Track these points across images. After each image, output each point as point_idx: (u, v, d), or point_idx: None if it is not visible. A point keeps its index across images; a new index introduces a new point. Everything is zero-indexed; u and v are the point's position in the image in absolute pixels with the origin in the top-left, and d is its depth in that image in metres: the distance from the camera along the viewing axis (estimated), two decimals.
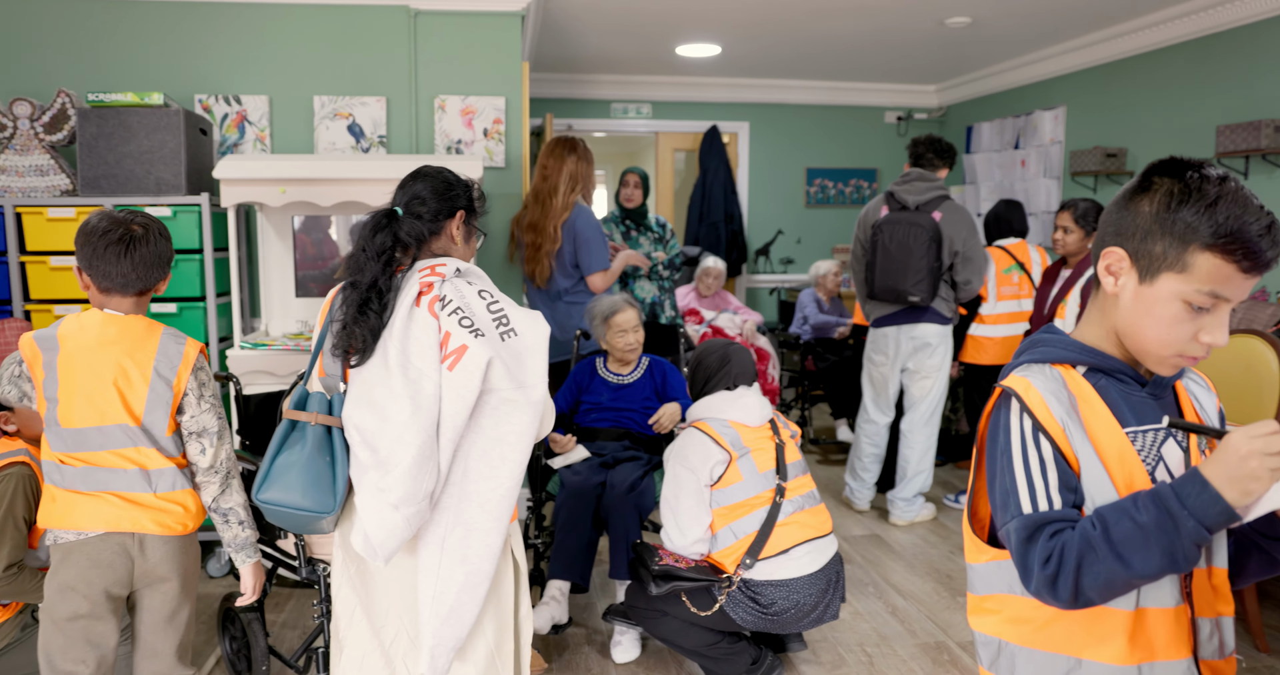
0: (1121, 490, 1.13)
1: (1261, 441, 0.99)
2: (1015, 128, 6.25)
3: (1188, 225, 1.09)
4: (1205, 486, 1.02)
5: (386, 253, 1.79)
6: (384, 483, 1.68)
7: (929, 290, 3.83)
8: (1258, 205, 1.08)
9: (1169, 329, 1.12)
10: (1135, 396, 1.19)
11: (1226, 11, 4.46)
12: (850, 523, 4.24)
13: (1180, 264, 1.10)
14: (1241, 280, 1.09)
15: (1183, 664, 1.16)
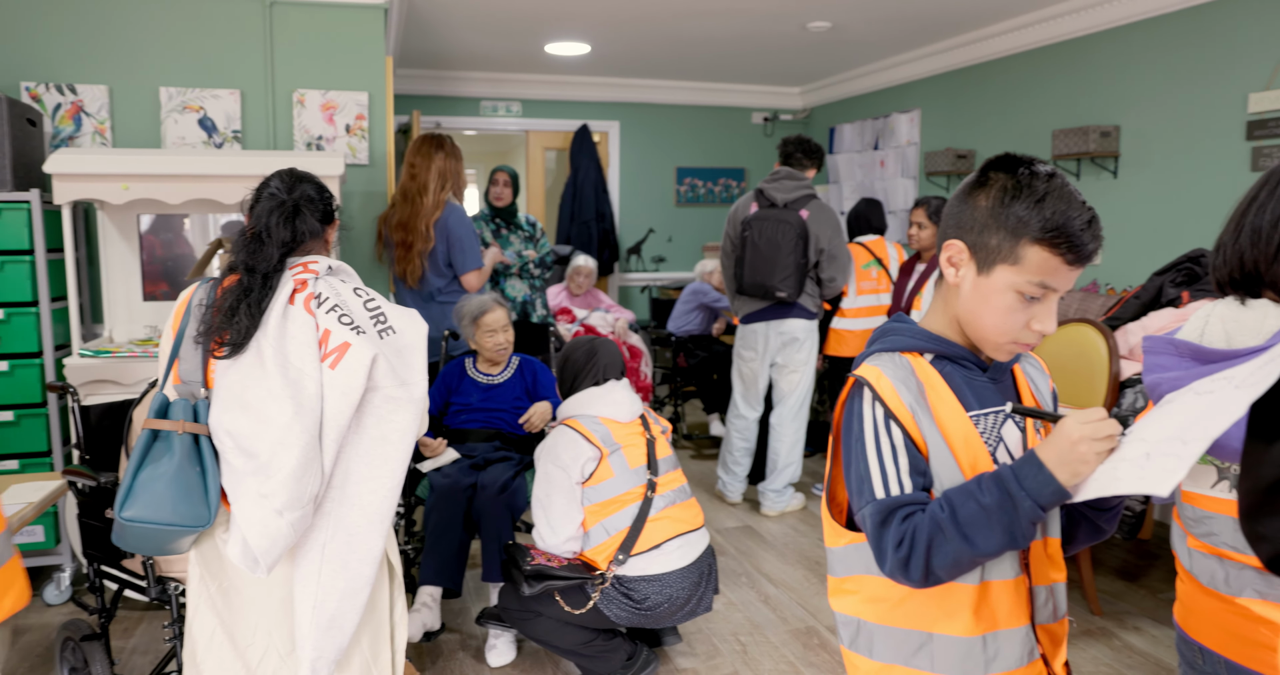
0: (966, 471, 1.19)
1: (1090, 427, 1.06)
2: (874, 130, 6.51)
3: (1019, 219, 1.15)
4: (1040, 469, 1.08)
5: (287, 245, 1.76)
6: (266, 488, 1.60)
7: (796, 286, 3.95)
8: (1081, 201, 1.15)
9: (1004, 317, 1.18)
10: (977, 381, 1.26)
11: (1060, 24, 4.77)
12: (723, 515, 4.33)
13: (1013, 256, 1.16)
14: (1067, 271, 1.16)
15: (1022, 630, 1.23)
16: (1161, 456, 1.01)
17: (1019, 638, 1.23)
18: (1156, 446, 1.03)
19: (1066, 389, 3.21)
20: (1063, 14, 4.70)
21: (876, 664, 1.27)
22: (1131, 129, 4.43)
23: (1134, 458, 1.05)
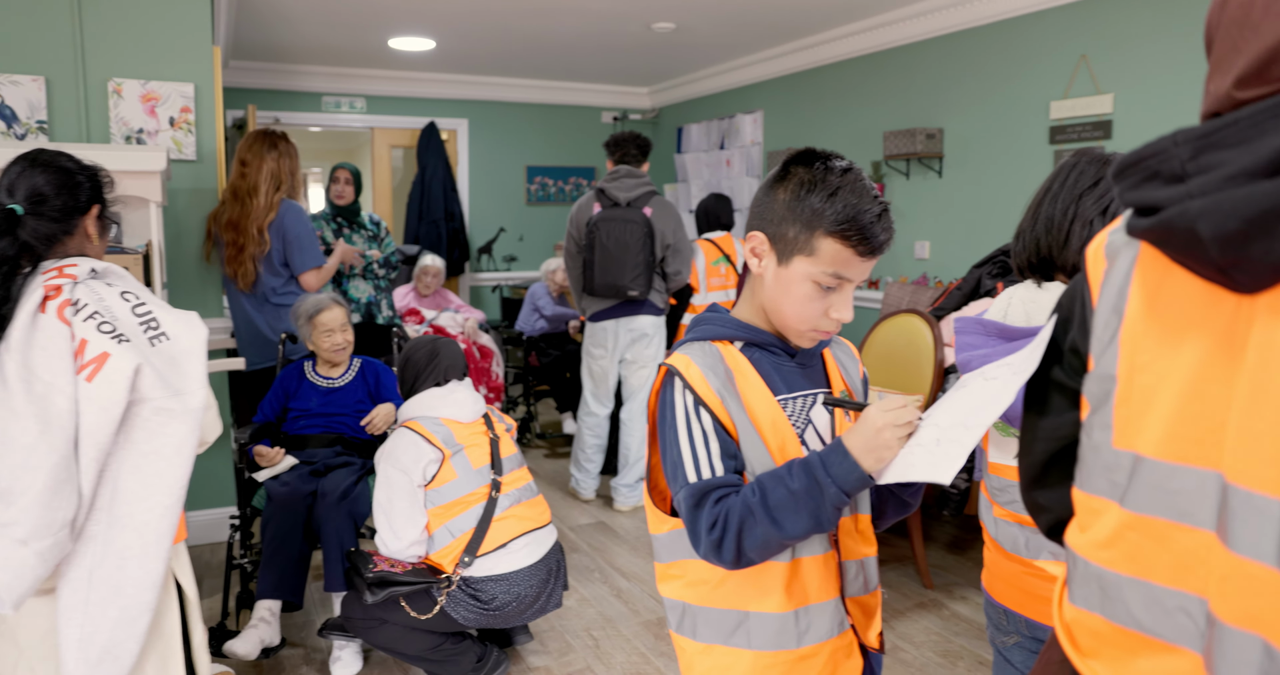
0: (775, 453, 1.23)
1: (892, 415, 1.13)
2: (720, 130, 6.68)
3: (814, 212, 1.19)
4: (846, 456, 1.14)
5: (8, 262, 1.55)
6: (6, 516, 1.45)
7: (646, 284, 4.00)
8: (873, 195, 1.21)
9: (803, 306, 1.23)
10: (786, 367, 1.31)
11: (891, 31, 5.02)
12: (577, 512, 4.33)
13: (809, 248, 1.21)
14: (860, 262, 1.21)
15: (832, 603, 1.29)
16: (948, 443, 1.08)
17: (829, 610, 1.28)
18: (945, 432, 1.10)
19: (897, 375, 3.39)
20: (893, 22, 4.95)
21: (700, 645, 1.31)
22: (954, 131, 4.72)
23: (927, 444, 1.12)
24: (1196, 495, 0.74)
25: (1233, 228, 0.68)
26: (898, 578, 3.52)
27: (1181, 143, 0.73)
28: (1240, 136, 0.69)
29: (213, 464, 3.85)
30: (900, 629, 3.09)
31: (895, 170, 5.04)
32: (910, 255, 5.05)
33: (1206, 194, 0.70)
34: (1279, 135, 0.66)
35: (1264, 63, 0.71)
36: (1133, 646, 0.80)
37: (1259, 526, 0.68)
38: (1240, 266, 0.69)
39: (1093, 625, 0.85)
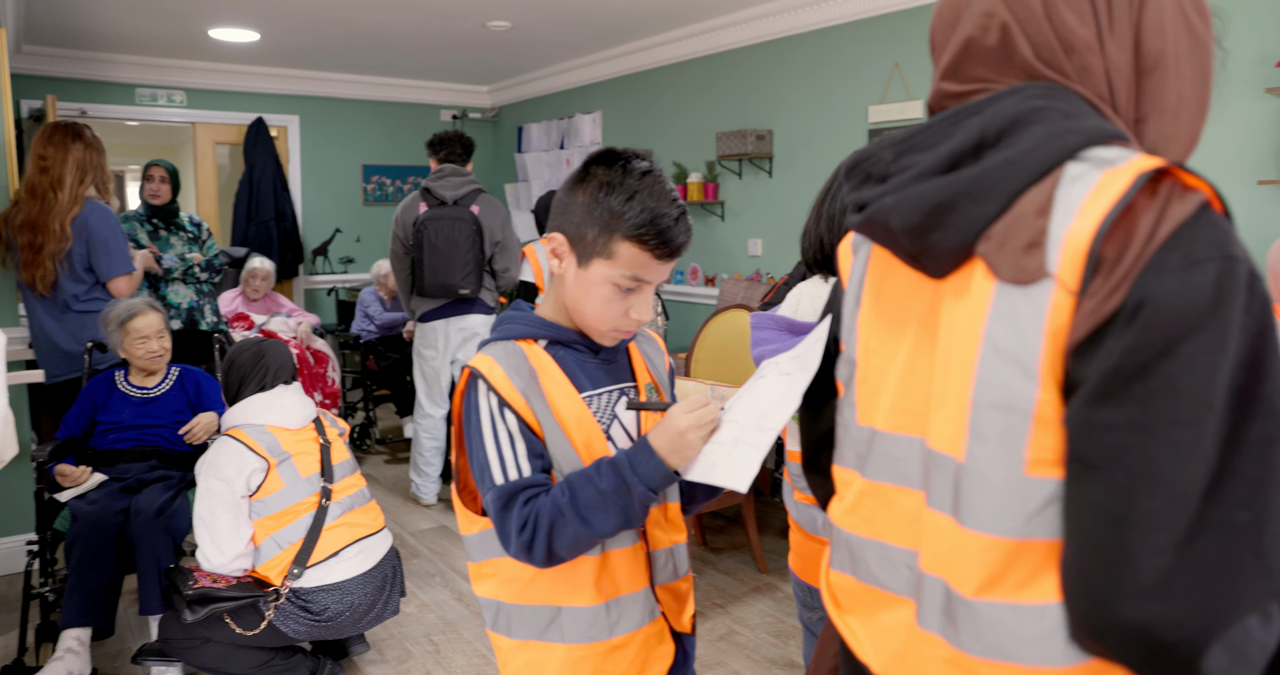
0: (581, 450, 1.24)
1: (694, 416, 1.16)
2: (560, 129, 6.69)
3: (612, 215, 1.19)
4: (652, 455, 1.17)
5: None
6: None
7: (477, 282, 3.96)
8: (672, 198, 1.22)
9: (603, 308, 1.24)
10: (590, 363, 1.32)
11: (724, 35, 5.18)
12: (418, 518, 4.25)
13: (607, 251, 1.21)
14: (658, 265, 1.23)
15: (642, 593, 1.31)
16: (744, 446, 1.13)
17: (640, 600, 1.31)
18: (743, 433, 1.15)
19: (728, 368, 3.51)
20: (725, 26, 5.10)
21: (515, 642, 1.31)
22: (782, 133, 4.91)
23: (727, 443, 1.16)
24: (911, 460, 0.83)
25: (915, 220, 0.78)
26: (735, 564, 3.64)
27: (887, 147, 0.83)
28: (929, 141, 0.79)
29: (8, 486, 3.55)
30: (737, 613, 3.20)
31: (728, 170, 5.21)
32: (744, 253, 5.23)
33: (898, 191, 0.79)
34: (956, 139, 0.77)
35: (959, 60, 0.81)
36: (875, 602, 0.88)
37: (943, 483, 0.78)
38: (926, 254, 0.79)
39: (847, 585, 0.93)
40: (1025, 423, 0.72)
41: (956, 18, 0.83)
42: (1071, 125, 0.74)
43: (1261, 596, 0.63)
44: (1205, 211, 0.69)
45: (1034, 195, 0.73)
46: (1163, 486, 0.64)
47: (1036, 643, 0.73)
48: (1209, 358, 0.64)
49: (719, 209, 5.36)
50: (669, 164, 5.68)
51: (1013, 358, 0.73)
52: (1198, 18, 0.81)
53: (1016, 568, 0.74)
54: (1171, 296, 0.65)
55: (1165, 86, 0.79)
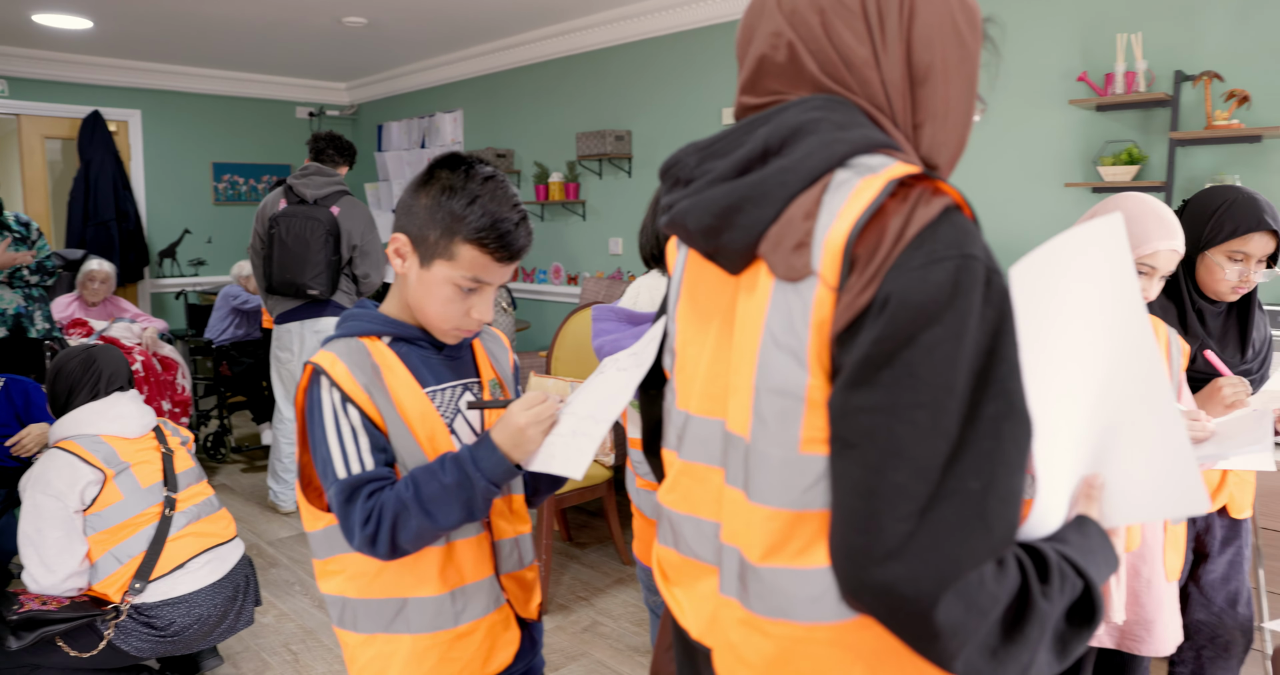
0: (425, 445, 1.28)
1: (533, 413, 1.22)
2: (421, 128, 6.60)
3: (454, 217, 1.23)
4: (494, 450, 1.21)
5: None
6: None
7: (328, 284, 3.88)
8: (513, 203, 1.27)
9: (444, 308, 1.28)
10: (433, 360, 1.35)
11: (583, 37, 5.23)
12: (277, 526, 4.13)
13: (449, 253, 1.25)
14: (499, 268, 1.28)
15: (486, 581, 1.35)
16: (580, 436, 1.19)
17: (485, 589, 1.35)
18: (580, 424, 1.21)
19: (589, 364, 3.57)
20: (585, 27, 5.15)
21: (361, 636, 1.32)
22: (641, 134, 5.01)
23: (565, 434, 1.22)
24: (715, 441, 0.91)
25: (707, 222, 0.85)
26: (598, 557, 3.71)
27: (691, 153, 0.90)
28: (726, 148, 0.87)
29: None
30: (600, 605, 3.27)
31: (589, 170, 5.27)
32: (605, 251, 5.30)
33: (695, 195, 0.86)
34: (747, 147, 0.84)
35: (754, 76, 0.89)
36: (694, 573, 0.96)
37: (737, 461, 0.86)
38: (720, 253, 0.86)
39: (671, 559, 1.00)
40: (799, 406, 0.81)
41: (750, 37, 0.90)
42: (842, 135, 0.81)
43: (982, 554, 0.72)
44: (949, 214, 0.77)
45: (803, 200, 0.80)
46: (906, 461, 0.72)
47: (811, 602, 0.82)
48: (946, 346, 0.72)
49: (580, 208, 5.41)
50: (530, 164, 5.70)
51: (787, 347, 0.81)
52: (967, 29, 0.87)
53: (795, 536, 0.82)
54: (912, 292, 0.73)
55: (936, 96, 0.86)
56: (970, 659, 0.72)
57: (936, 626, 0.70)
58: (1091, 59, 3.30)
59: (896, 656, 0.81)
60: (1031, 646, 0.74)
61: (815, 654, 0.83)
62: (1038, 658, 0.76)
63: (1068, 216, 3.37)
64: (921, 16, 0.85)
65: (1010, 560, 0.74)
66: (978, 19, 0.88)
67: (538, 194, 5.46)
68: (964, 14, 0.87)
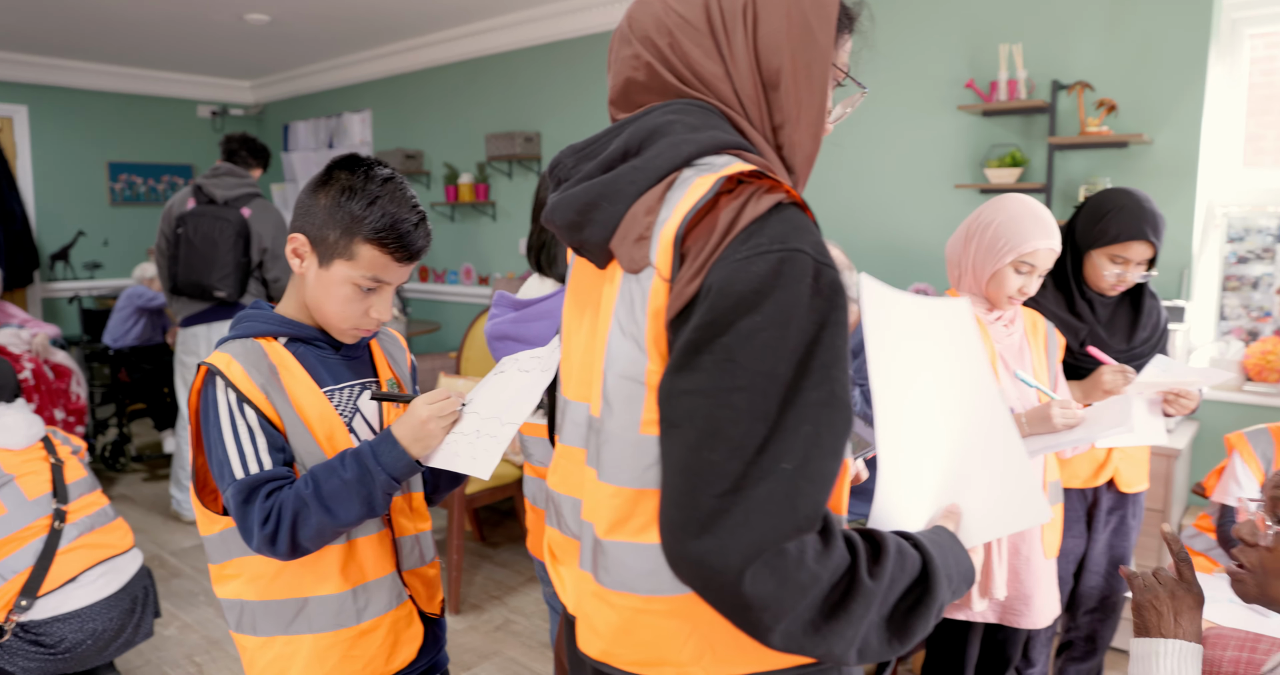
0: (324, 444, 1.29)
1: (436, 407, 1.24)
2: (328, 128, 6.49)
3: (354, 218, 1.26)
4: (395, 445, 1.24)
5: None
6: None
7: (237, 286, 3.81)
8: (413, 205, 1.31)
9: (343, 307, 1.31)
10: (331, 359, 1.37)
11: (492, 38, 5.21)
12: (180, 536, 4.02)
13: (348, 252, 1.27)
14: (398, 267, 1.31)
15: (388, 578, 1.37)
16: (486, 437, 1.22)
17: (387, 585, 1.37)
18: (484, 424, 1.24)
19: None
20: (493, 29, 5.14)
21: (260, 639, 1.32)
22: (550, 135, 5.03)
23: (469, 433, 1.25)
24: (583, 424, 0.97)
25: (571, 218, 0.91)
26: (510, 556, 3.72)
27: (569, 155, 0.96)
28: (597, 150, 0.93)
29: None
30: (513, 604, 3.28)
31: (498, 171, 5.27)
32: (515, 252, 5.31)
33: (564, 192, 0.92)
34: (611, 148, 0.90)
35: (623, 93, 0.95)
36: (573, 551, 1.01)
37: (594, 442, 0.92)
38: (584, 248, 0.92)
39: (556, 538, 1.05)
40: (640, 389, 0.86)
41: (614, 59, 0.96)
42: (691, 136, 0.86)
43: (787, 532, 0.75)
44: (780, 210, 0.81)
45: (648, 197, 0.86)
46: (723, 441, 0.76)
47: (649, 575, 0.87)
48: (766, 334, 0.76)
49: (490, 209, 5.41)
50: (440, 165, 5.66)
51: (630, 334, 0.86)
52: (820, 27, 0.89)
53: (636, 514, 0.87)
54: (734, 281, 0.78)
55: (789, 98, 0.89)
56: (790, 632, 0.76)
57: (746, 598, 0.74)
58: (977, 67, 3.47)
59: (729, 628, 0.86)
60: (856, 622, 0.78)
61: (654, 624, 0.88)
62: (869, 635, 0.80)
63: (958, 216, 3.52)
64: (766, 23, 0.88)
65: (838, 541, 0.78)
66: (833, 13, 0.90)
67: (448, 195, 5.43)
68: (816, 12, 0.89)
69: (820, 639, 0.77)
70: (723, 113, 0.90)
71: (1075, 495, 2.21)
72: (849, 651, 0.79)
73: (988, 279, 1.92)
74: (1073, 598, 2.32)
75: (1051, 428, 1.79)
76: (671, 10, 0.90)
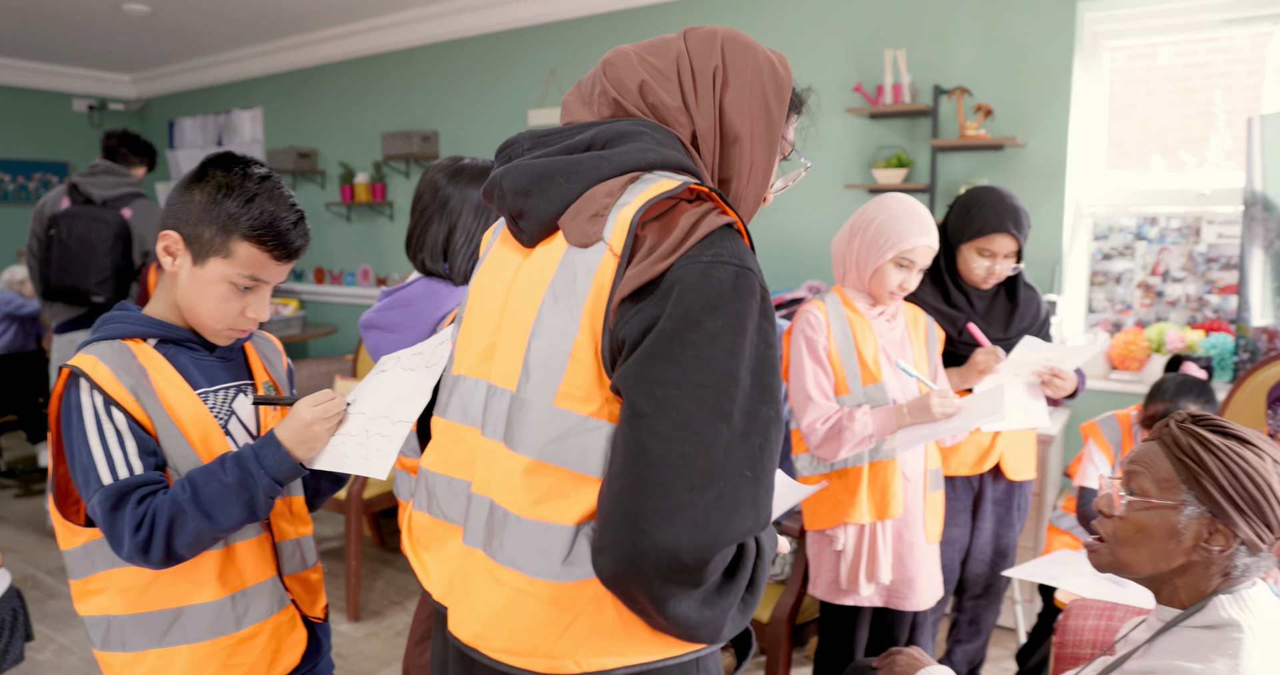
0: (198, 447, 1.25)
1: (320, 409, 1.23)
2: (217, 125, 6.26)
3: (230, 216, 1.24)
4: (278, 448, 1.21)
5: None
6: None
7: (115, 291, 3.64)
8: (290, 203, 1.29)
9: (218, 306, 1.28)
10: (205, 361, 1.33)
11: (387, 35, 5.12)
12: (57, 554, 3.81)
13: (224, 250, 1.25)
14: (276, 266, 1.29)
15: (269, 583, 1.34)
16: (376, 437, 1.21)
17: (267, 590, 1.34)
18: (373, 424, 1.23)
19: None
20: (389, 26, 5.05)
21: (129, 655, 1.27)
22: (448, 135, 4.98)
23: (357, 434, 1.23)
24: (478, 399, 0.99)
25: (521, 183, 0.96)
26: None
27: (528, 138, 1.01)
28: (559, 139, 0.99)
29: None
30: (414, 610, 3.23)
31: (395, 171, 5.18)
32: None
33: (518, 162, 0.97)
34: (576, 139, 0.97)
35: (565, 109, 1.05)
36: (442, 534, 1.02)
37: (498, 413, 0.94)
38: (524, 217, 0.96)
39: (423, 523, 1.06)
40: (564, 359, 0.89)
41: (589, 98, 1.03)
42: (658, 149, 0.95)
43: (746, 533, 0.83)
44: (732, 230, 0.89)
45: (610, 184, 0.92)
46: (693, 434, 0.80)
47: (538, 555, 0.89)
48: (726, 338, 0.82)
49: (388, 210, 5.31)
50: (335, 164, 5.53)
51: (564, 303, 0.90)
52: (775, 102, 1.01)
53: (536, 487, 0.89)
54: (701, 281, 0.84)
55: (743, 157, 1.00)
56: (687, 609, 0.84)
57: (702, 585, 0.81)
58: (865, 72, 3.59)
59: (609, 621, 0.89)
60: (732, 596, 0.87)
61: (533, 610, 0.90)
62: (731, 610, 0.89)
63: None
64: (733, 88, 0.98)
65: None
66: (787, 93, 1.02)
67: (343, 195, 5.31)
68: (774, 89, 1.01)
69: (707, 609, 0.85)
70: (684, 147, 0.98)
71: (961, 483, 2.31)
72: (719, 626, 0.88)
73: (870, 275, 2.00)
74: (959, 583, 2.42)
75: (931, 417, 1.88)
76: (646, 61, 0.99)
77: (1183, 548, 1.14)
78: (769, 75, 1.01)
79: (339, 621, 3.17)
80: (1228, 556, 1.12)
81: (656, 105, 0.98)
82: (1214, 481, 1.10)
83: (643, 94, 0.98)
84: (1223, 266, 3.22)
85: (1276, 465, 1.11)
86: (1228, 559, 1.12)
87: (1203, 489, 1.11)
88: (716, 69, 0.98)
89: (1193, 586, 1.16)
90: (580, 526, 0.89)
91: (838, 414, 1.94)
